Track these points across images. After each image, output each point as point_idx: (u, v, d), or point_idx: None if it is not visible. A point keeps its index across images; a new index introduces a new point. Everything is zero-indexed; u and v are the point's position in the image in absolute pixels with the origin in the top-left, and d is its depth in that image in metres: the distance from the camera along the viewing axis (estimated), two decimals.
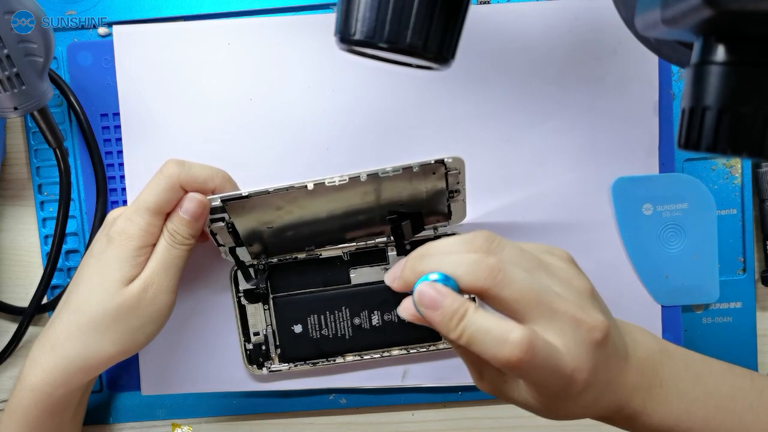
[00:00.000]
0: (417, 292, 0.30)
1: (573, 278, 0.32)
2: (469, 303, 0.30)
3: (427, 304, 0.30)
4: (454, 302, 0.30)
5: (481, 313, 0.30)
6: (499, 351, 0.28)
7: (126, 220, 0.37)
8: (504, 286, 0.29)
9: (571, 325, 0.30)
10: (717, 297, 0.44)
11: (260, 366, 0.44)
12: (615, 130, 0.44)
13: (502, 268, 0.30)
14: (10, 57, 0.36)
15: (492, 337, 0.29)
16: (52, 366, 0.37)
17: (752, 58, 0.22)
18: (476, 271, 0.30)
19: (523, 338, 0.28)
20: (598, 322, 0.30)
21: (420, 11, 0.28)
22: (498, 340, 0.29)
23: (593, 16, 0.43)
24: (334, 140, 0.44)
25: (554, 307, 0.30)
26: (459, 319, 0.29)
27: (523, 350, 0.28)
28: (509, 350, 0.28)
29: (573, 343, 0.30)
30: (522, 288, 0.30)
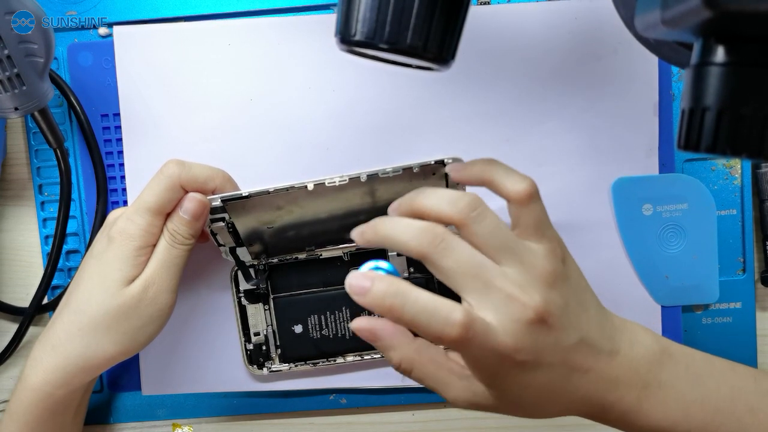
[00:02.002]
0: (347, 284, 0.32)
1: (539, 262, 0.32)
2: (402, 283, 0.31)
3: (356, 291, 0.31)
4: (382, 283, 0.31)
5: (417, 291, 0.31)
6: (444, 328, 0.30)
7: (126, 220, 0.37)
8: (443, 256, 0.31)
9: (505, 302, 0.31)
10: (717, 297, 0.44)
11: (261, 366, 0.45)
12: (615, 131, 0.44)
13: (445, 237, 0.31)
14: (10, 57, 0.36)
15: (436, 316, 0.30)
16: (53, 366, 0.37)
17: (752, 59, 0.22)
18: (420, 237, 0.31)
19: (463, 317, 0.29)
20: (533, 302, 0.31)
21: (420, 12, 0.28)
22: (442, 319, 0.30)
23: (593, 17, 0.43)
24: (334, 140, 0.44)
25: (490, 282, 0.31)
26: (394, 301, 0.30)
27: (464, 327, 0.29)
28: (452, 328, 0.30)
29: (507, 319, 0.30)
30: (461, 260, 0.31)
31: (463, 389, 0.33)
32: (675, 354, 0.35)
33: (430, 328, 0.30)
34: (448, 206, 0.32)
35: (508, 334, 0.30)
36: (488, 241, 0.31)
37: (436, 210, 0.32)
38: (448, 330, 0.30)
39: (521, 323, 0.31)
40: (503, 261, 0.31)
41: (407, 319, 0.31)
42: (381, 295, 0.31)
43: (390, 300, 0.31)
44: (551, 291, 0.32)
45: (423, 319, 0.30)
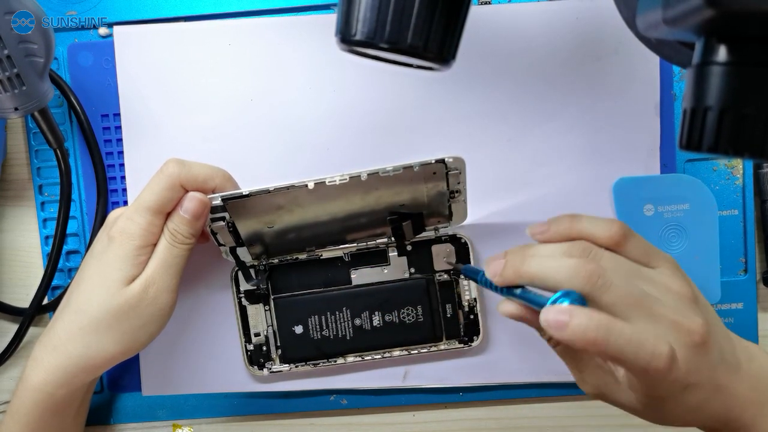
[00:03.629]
0: (542, 320, 0.31)
1: (672, 284, 0.32)
2: (603, 316, 0.30)
3: (555, 325, 0.30)
4: (583, 317, 0.30)
5: (622, 324, 0.30)
6: (650, 363, 0.29)
7: (127, 220, 0.37)
8: (604, 291, 0.30)
9: (670, 328, 0.30)
10: (718, 298, 0.44)
11: (261, 367, 0.44)
12: (616, 131, 0.44)
13: (601, 273, 0.31)
14: (10, 57, 0.36)
15: (645, 350, 0.29)
16: (54, 366, 0.37)
17: (754, 59, 0.22)
18: (577, 276, 0.31)
19: (670, 350, 0.29)
20: (696, 325, 0.31)
21: (421, 12, 0.28)
22: (649, 354, 0.29)
23: (594, 17, 0.43)
24: (334, 140, 0.44)
25: (653, 311, 0.31)
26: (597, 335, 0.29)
27: (672, 359, 0.29)
28: (657, 362, 0.29)
29: (676, 346, 0.30)
30: (621, 293, 0.30)
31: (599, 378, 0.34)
32: None
33: (638, 361, 0.29)
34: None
35: (682, 360, 0.30)
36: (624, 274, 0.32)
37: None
38: (656, 363, 0.29)
39: (689, 347, 0.31)
40: (645, 289, 0.31)
41: (612, 352, 0.30)
42: (583, 329, 0.29)
43: (593, 334, 0.29)
44: (699, 310, 0.32)
45: (630, 351, 0.29)
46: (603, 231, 0.33)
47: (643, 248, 0.33)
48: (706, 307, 0.33)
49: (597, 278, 0.30)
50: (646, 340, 0.29)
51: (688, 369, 0.30)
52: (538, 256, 0.33)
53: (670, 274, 0.32)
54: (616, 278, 0.31)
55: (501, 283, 0.34)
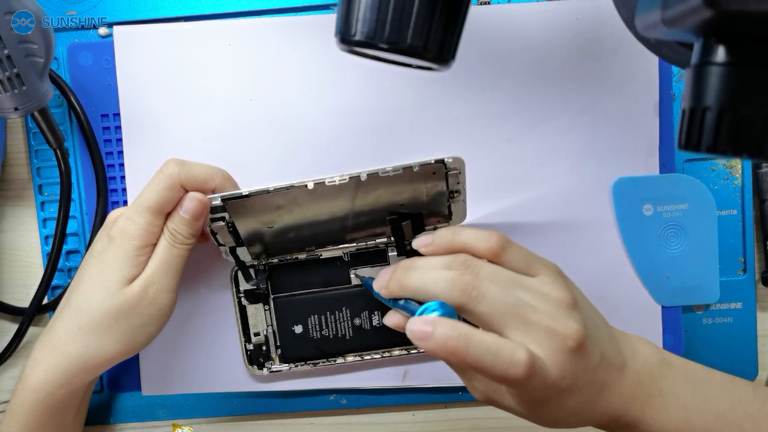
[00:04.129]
0: (408, 330, 0.32)
1: (551, 291, 0.33)
2: (463, 326, 0.31)
3: (419, 336, 0.31)
4: (445, 328, 0.31)
5: (481, 333, 0.31)
6: (508, 371, 0.30)
7: (127, 220, 0.37)
8: (479, 302, 0.32)
9: (546, 334, 0.31)
10: (717, 297, 0.44)
11: (261, 366, 0.45)
12: (615, 131, 0.44)
13: (476, 285, 0.32)
14: (10, 57, 0.36)
15: (502, 359, 0.30)
16: (54, 366, 0.37)
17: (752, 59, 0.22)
18: (453, 288, 0.32)
19: (528, 357, 0.30)
20: (571, 330, 0.32)
21: (420, 12, 0.28)
22: (507, 362, 0.30)
23: (594, 17, 0.43)
24: (334, 140, 0.44)
25: (528, 318, 0.32)
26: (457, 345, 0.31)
27: (528, 368, 0.30)
28: (515, 369, 0.30)
29: (550, 352, 0.31)
30: (496, 303, 0.32)
31: (486, 385, 0.35)
32: (674, 364, 0.35)
33: (495, 369, 0.30)
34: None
35: (555, 365, 0.31)
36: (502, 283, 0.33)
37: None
38: (513, 371, 0.30)
39: (564, 353, 0.31)
40: (523, 298, 0.32)
41: (471, 361, 0.31)
42: (444, 339, 0.31)
43: (453, 343, 0.31)
44: (576, 315, 0.33)
45: (487, 360, 0.30)
46: (482, 243, 0.35)
47: (522, 257, 0.35)
48: (588, 311, 0.34)
49: (472, 290, 0.32)
50: (504, 349, 0.30)
51: (563, 373, 0.31)
52: (420, 269, 0.34)
53: (549, 281, 0.34)
54: (492, 289, 0.32)
55: (387, 295, 0.36)
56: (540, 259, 0.35)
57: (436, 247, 0.36)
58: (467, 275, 0.33)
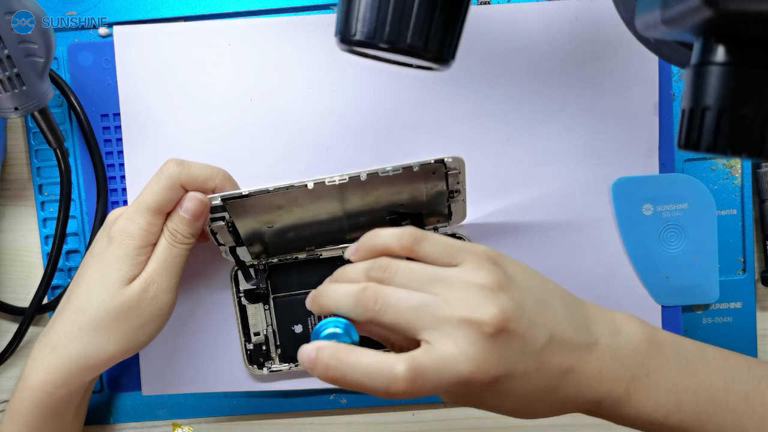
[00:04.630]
0: (298, 357, 0.32)
1: (473, 277, 0.31)
2: (341, 349, 0.31)
3: (307, 365, 0.32)
4: (324, 353, 0.31)
5: (357, 355, 0.31)
6: (390, 388, 0.29)
7: (127, 220, 0.37)
8: (384, 313, 0.31)
9: (461, 327, 0.30)
10: (717, 297, 0.44)
11: (261, 366, 0.45)
12: (615, 131, 0.44)
13: (377, 297, 0.31)
14: (10, 57, 0.36)
15: (379, 377, 0.30)
16: (54, 366, 0.37)
17: (752, 59, 0.22)
18: (357, 305, 0.32)
19: (406, 371, 0.29)
20: (487, 316, 0.30)
21: (420, 12, 0.28)
22: (387, 379, 0.29)
23: (593, 17, 0.43)
24: (334, 140, 0.44)
25: (438, 315, 0.30)
26: (336, 373, 0.31)
27: (410, 381, 0.29)
28: (397, 385, 0.29)
29: (465, 344, 0.30)
30: (399, 310, 0.31)
31: None
32: (663, 342, 0.34)
33: (378, 389, 0.30)
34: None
35: (469, 358, 0.30)
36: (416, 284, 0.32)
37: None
38: (395, 386, 0.29)
39: (482, 341, 0.30)
40: (439, 292, 0.31)
41: (352, 385, 0.30)
42: (324, 368, 0.31)
43: (332, 373, 0.31)
44: (499, 297, 0.31)
45: (367, 382, 0.30)
46: (395, 241, 0.34)
47: (442, 248, 0.33)
48: (531, 291, 0.32)
49: (374, 303, 0.31)
50: (380, 368, 0.30)
51: (483, 364, 0.30)
52: (333, 286, 0.34)
53: (472, 268, 0.32)
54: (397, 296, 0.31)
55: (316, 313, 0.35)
56: (464, 246, 0.33)
57: (360, 254, 0.35)
58: (369, 289, 0.32)
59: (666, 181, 0.44)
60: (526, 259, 0.35)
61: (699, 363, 0.34)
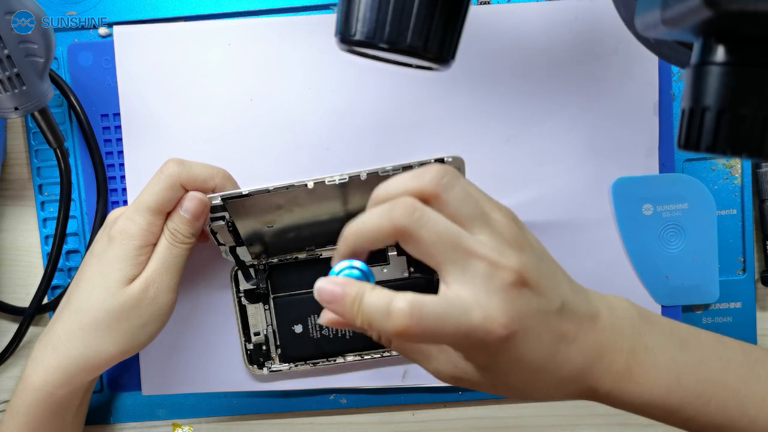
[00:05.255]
0: (316, 290, 0.31)
1: (504, 230, 0.30)
2: (365, 285, 0.30)
3: (327, 298, 0.30)
4: (351, 288, 0.30)
5: (373, 291, 0.29)
6: (387, 323, 0.28)
7: (127, 220, 0.37)
8: (421, 225, 0.29)
9: (486, 270, 0.29)
10: (717, 297, 0.44)
11: (261, 366, 0.45)
12: (615, 131, 0.44)
13: (419, 207, 0.29)
14: (10, 57, 0.36)
15: (379, 311, 0.28)
16: (54, 366, 0.37)
17: (752, 59, 0.22)
18: (392, 213, 0.29)
19: (405, 305, 0.28)
20: (512, 263, 0.29)
21: (420, 12, 0.28)
22: (384, 314, 0.28)
23: (593, 17, 0.43)
24: (334, 140, 0.44)
25: (471, 250, 0.29)
26: (358, 305, 0.29)
27: (407, 316, 0.28)
28: (394, 321, 0.28)
29: (483, 291, 0.28)
30: (439, 229, 0.29)
31: (444, 362, 0.32)
32: (656, 320, 0.33)
33: (372, 325, 0.29)
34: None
35: (484, 306, 0.28)
36: (459, 211, 0.30)
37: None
38: (391, 322, 0.28)
39: (502, 290, 0.29)
40: (476, 230, 0.30)
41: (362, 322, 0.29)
42: (350, 301, 0.30)
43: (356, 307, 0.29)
44: (523, 252, 0.30)
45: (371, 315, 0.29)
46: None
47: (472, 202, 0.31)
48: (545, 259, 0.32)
49: (413, 210, 0.29)
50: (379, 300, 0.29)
51: (502, 312, 0.28)
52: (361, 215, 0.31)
53: (506, 221, 0.31)
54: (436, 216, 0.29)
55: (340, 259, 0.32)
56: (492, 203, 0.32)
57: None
58: (408, 198, 0.29)
59: (666, 181, 0.44)
60: None
61: (694, 342, 0.33)
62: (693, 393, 0.32)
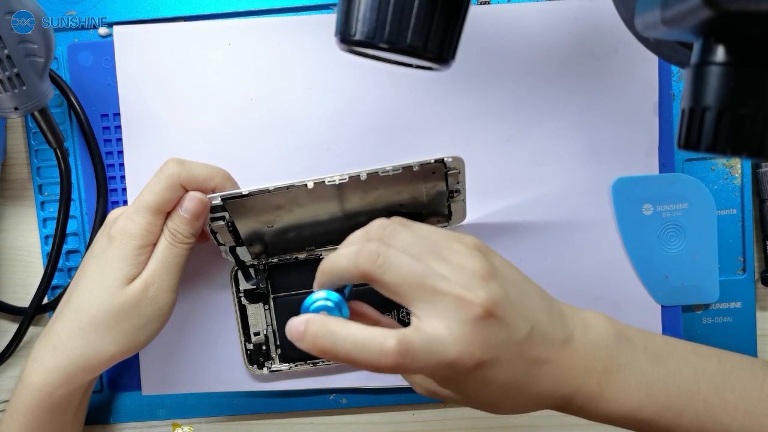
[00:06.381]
0: (286, 331, 0.32)
1: (468, 261, 0.31)
2: (332, 321, 0.31)
3: (294, 337, 0.32)
4: (314, 326, 0.31)
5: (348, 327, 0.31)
6: (379, 361, 0.30)
7: (127, 220, 0.37)
8: (384, 270, 0.31)
9: (454, 305, 0.30)
10: (717, 297, 0.44)
11: (261, 366, 0.45)
12: (615, 130, 0.44)
13: (382, 252, 0.31)
14: (10, 57, 0.36)
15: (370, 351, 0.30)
16: (54, 366, 0.37)
17: (752, 59, 0.22)
18: (357, 258, 0.31)
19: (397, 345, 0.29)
20: (480, 299, 0.30)
21: (420, 12, 0.28)
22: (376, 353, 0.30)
23: (593, 17, 0.43)
24: (334, 140, 0.44)
25: (437, 288, 0.30)
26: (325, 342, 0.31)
27: (398, 354, 0.29)
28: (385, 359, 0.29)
29: (455, 324, 0.30)
30: (403, 272, 0.30)
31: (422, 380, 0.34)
32: (632, 337, 0.34)
33: (366, 362, 0.30)
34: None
35: (457, 339, 0.30)
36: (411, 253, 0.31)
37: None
38: (384, 360, 0.29)
39: (471, 323, 0.30)
40: (434, 265, 0.31)
41: (342, 357, 0.30)
42: (313, 338, 0.31)
43: (321, 342, 0.31)
44: (489, 284, 0.31)
45: (357, 354, 0.30)
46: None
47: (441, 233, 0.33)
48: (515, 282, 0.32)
49: (377, 257, 0.31)
50: (371, 341, 0.30)
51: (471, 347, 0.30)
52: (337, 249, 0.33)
53: (467, 252, 0.32)
54: (400, 258, 0.31)
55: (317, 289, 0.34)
56: (453, 235, 0.33)
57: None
58: (373, 243, 0.31)
59: (666, 181, 0.44)
60: (526, 259, 0.35)
61: (668, 355, 0.34)
62: (664, 407, 0.33)
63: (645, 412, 0.33)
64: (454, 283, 0.30)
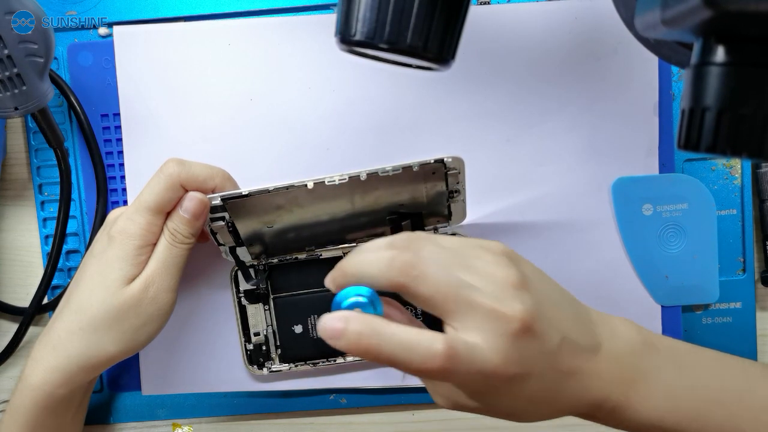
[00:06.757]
0: (319, 328, 0.30)
1: (496, 271, 0.31)
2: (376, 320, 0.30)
3: (330, 335, 0.30)
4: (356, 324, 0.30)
5: (393, 327, 0.30)
6: (424, 364, 0.29)
7: (127, 220, 0.37)
8: (420, 282, 0.30)
9: (489, 317, 0.29)
10: (717, 297, 0.44)
11: (261, 366, 0.45)
12: (615, 131, 0.44)
13: (416, 264, 0.30)
14: (10, 57, 0.36)
15: (418, 352, 0.29)
16: (54, 366, 0.37)
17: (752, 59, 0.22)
18: (391, 268, 0.30)
19: (445, 348, 0.29)
20: (515, 312, 0.29)
21: (420, 12, 0.28)
22: (423, 355, 0.29)
23: (593, 17, 0.43)
24: (334, 140, 0.44)
25: (472, 300, 0.29)
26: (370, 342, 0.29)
27: (448, 357, 0.29)
28: (431, 361, 0.29)
29: (492, 337, 0.29)
30: (438, 283, 0.30)
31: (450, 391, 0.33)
32: (658, 345, 0.34)
33: (412, 364, 0.29)
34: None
35: (495, 351, 0.29)
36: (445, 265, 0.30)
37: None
38: (430, 363, 0.29)
39: (508, 337, 0.29)
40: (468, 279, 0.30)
41: (385, 358, 0.29)
42: (356, 337, 0.29)
43: (365, 341, 0.29)
44: (523, 295, 0.30)
45: (403, 355, 0.29)
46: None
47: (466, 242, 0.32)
48: (545, 291, 0.32)
49: (411, 269, 0.30)
50: (418, 342, 0.29)
51: (507, 360, 0.29)
52: (362, 252, 0.31)
53: (494, 261, 0.31)
54: (434, 269, 0.30)
55: (334, 289, 0.32)
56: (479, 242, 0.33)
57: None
58: (407, 253, 0.30)
59: (666, 181, 0.44)
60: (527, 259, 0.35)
61: (694, 365, 0.34)
62: (688, 416, 0.33)
63: (669, 421, 0.33)
64: (487, 295, 0.30)
